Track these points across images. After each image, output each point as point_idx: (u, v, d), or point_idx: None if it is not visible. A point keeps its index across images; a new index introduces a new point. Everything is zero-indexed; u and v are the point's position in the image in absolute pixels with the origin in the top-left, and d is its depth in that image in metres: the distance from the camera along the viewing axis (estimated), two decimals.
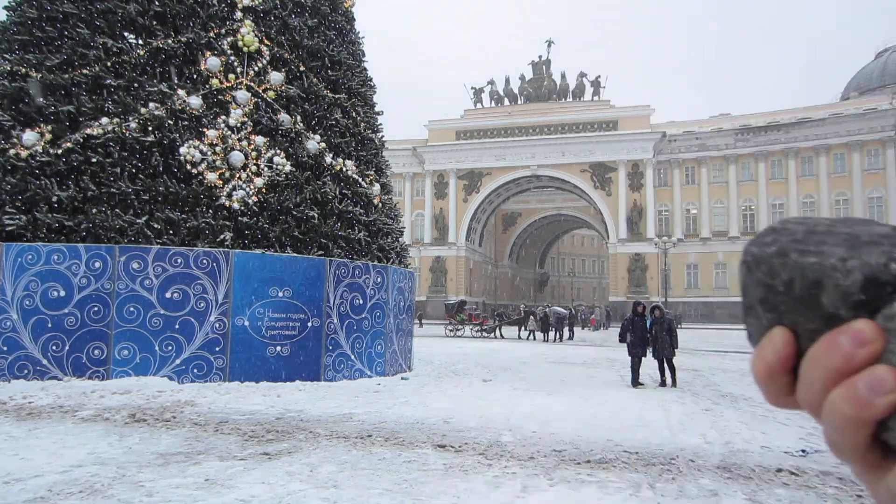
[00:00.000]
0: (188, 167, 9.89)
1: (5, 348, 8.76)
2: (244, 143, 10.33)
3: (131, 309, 9.06)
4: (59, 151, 9.54)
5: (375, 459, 5.35)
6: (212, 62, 10.35)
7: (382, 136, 13.71)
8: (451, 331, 30.63)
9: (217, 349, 9.37)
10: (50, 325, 8.84)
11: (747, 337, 0.38)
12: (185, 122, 10.15)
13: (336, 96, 11.96)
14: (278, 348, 9.85)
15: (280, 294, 9.89)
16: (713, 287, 48.85)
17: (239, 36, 10.69)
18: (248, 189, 10.19)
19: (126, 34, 10.44)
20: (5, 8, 10.68)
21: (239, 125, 10.39)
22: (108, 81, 9.97)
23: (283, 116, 10.89)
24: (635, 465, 5.45)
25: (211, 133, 10.08)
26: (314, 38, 11.85)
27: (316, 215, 10.85)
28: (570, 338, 28.55)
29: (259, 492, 4.31)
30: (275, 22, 11.35)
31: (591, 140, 51.84)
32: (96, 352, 8.93)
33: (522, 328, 29.48)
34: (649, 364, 12.35)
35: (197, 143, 9.98)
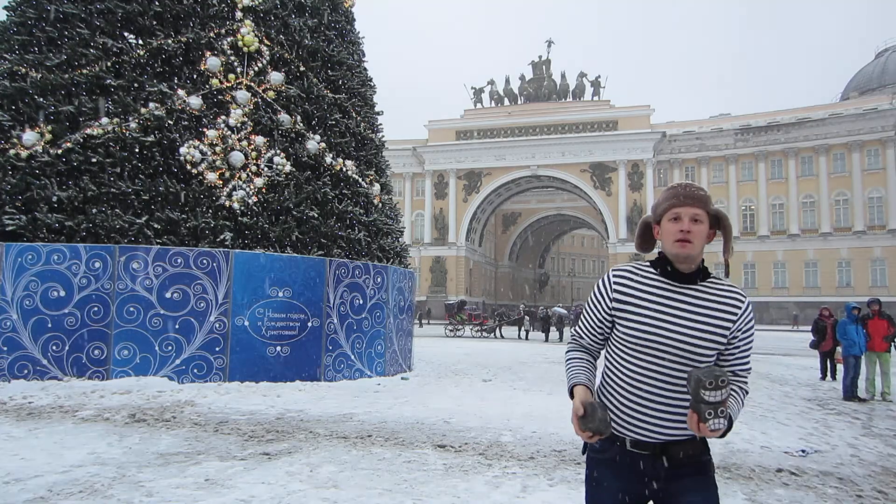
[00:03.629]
0: (188, 167, 9.89)
1: (5, 348, 8.76)
2: (244, 143, 10.33)
3: (131, 309, 9.06)
4: (59, 151, 9.53)
5: (375, 459, 5.35)
6: (212, 62, 10.35)
7: (382, 136, 13.71)
8: (451, 331, 30.66)
9: (217, 349, 9.38)
10: (50, 325, 8.84)
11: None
12: (185, 122, 10.15)
13: (336, 96, 11.96)
14: (278, 348, 9.85)
15: (280, 294, 9.89)
16: None
17: (239, 36, 10.68)
18: (248, 189, 10.19)
19: (126, 34, 10.44)
20: (5, 8, 10.67)
21: (239, 125, 10.38)
22: (108, 81, 9.97)
23: (283, 116, 10.89)
24: None
25: (211, 133, 10.07)
26: (314, 38, 11.85)
27: (316, 215, 10.85)
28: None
29: (259, 492, 4.31)
30: (275, 22, 11.35)
31: (591, 140, 51.88)
32: (96, 352, 8.93)
33: (522, 328, 29.59)
34: None
35: (197, 143, 9.97)
